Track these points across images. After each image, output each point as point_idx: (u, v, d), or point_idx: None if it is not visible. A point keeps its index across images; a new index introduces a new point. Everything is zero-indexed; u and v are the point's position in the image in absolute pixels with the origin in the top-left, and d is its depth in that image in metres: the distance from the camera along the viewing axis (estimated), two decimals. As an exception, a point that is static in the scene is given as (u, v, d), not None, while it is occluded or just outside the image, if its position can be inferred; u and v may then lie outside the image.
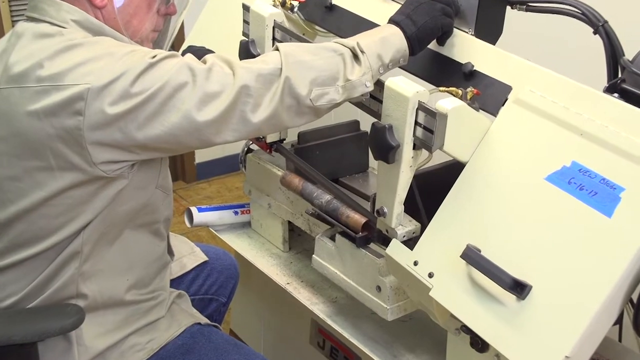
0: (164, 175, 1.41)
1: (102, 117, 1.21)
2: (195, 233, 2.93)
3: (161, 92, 1.22)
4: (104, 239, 1.36)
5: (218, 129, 1.26)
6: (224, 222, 1.91)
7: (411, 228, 1.37)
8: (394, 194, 1.32)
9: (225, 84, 1.25)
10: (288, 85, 1.27)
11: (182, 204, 3.28)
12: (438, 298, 1.22)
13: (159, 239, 1.47)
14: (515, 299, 1.13)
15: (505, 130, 1.25)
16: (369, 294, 1.46)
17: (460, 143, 1.26)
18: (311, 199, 1.58)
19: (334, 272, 1.53)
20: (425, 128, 1.25)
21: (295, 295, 1.67)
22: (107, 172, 1.27)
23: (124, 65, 1.22)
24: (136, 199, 1.35)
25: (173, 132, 1.24)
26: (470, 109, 1.26)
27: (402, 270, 1.29)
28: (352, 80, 1.30)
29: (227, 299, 1.79)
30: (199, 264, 1.74)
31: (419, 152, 1.29)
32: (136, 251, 1.42)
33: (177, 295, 1.56)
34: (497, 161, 1.24)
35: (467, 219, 1.23)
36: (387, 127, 1.26)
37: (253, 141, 1.77)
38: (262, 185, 1.82)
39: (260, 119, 1.27)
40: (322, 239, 1.55)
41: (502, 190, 1.21)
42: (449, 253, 1.22)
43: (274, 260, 1.80)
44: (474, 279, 1.18)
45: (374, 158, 1.32)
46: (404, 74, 1.37)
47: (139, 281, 1.44)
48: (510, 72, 1.31)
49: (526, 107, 1.25)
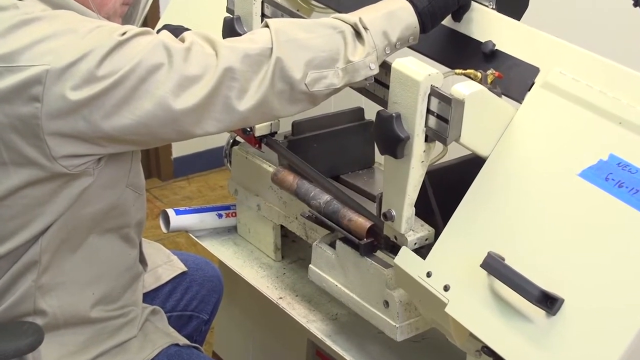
0: (136, 172, 1.42)
1: (63, 104, 1.21)
2: (172, 239, 2.94)
3: (132, 75, 1.22)
4: (66, 247, 1.36)
5: (198, 118, 1.27)
6: (206, 226, 1.92)
7: (423, 234, 1.38)
8: (403, 195, 1.32)
9: (206, 66, 1.25)
10: (279, 67, 1.27)
11: (157, 205, 3.28)
12: (455, 315, 1.22)
13: (130, 246, 1.47)
14: (544, 314, 1.13)
15: (532, 119, 1.26)
16: (375, 310, 1.46)
17: (480, 134, 1.26)
18: (307, 199, 1.58)
19: (334, 284, 1.54)
20: (439, 117, 1.25)
21: (289, 311, 1.68)
22: (69, 168, 1.27)
23: (88, 43, 1.22)
24: (103, 199, 1.35)
25: (146, 121, 1.24)
26: (491, 95, 1.26)
27: (413, 283, 1.29)
28: (354, 62, 1.30)
29: (210, 316, 1.79)
30: (177, 275, 1.74)
31: (432, 145, 1.30)
32: (103, 260, 1.42)
33: (151, 311, 1.56)
34: (522, 155, 1.24)
35: (488, 223, 1.23)
36: (394, 116, 1.26)
37: (238, 134, 1.78)
38: (250, 183, 1.82)
39: (247, 107, 1.28)
40: (320, 246, 1.56)
41: (529, 189, 1.21)
42: (468, 262, 1.22)
43: (264, 271, 1.81)
44: (497, 292, 1.18)
45: (380, 152, 1.32)
46: (413, 54, 1.37)
47: (107, 295, 1.44)
48: (538, 52, 1.31)
49: (556, 92, 1.25)
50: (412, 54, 1.35)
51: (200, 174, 3.55)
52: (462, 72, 1.32)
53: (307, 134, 1.72)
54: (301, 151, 1.68)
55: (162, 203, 3.31)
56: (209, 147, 3.48)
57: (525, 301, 1.14)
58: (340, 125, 1.75)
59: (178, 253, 1.81)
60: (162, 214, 1.90)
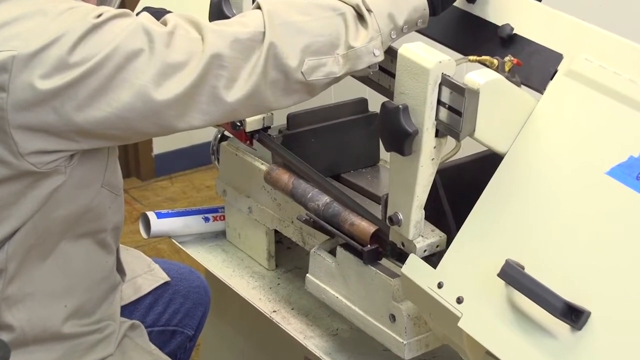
0: (112, 170, 1.41)
1: (32, 94, 1.21)
2: (153, 246, 2.94)
3: (108, 62, 1.22)
4: (35, 254, 1.36)
5: (182, 110, 1.27)
6: (191, 231, 1.92)
7: (434, 240, 1.38)
8: (411, 196, 1.32)
9: (191, 52, 1.25)
10: (273, 54, 1.27)
11: (137, 207, 3.29)
12: (469, 330, 1.22)
13: (106, 253, 1.47)
14: (569, 329, 1.13)
15: (554, 110, 1.26)
16: (380, 324, 1.47)
17: (497, 128, 1.26)
18: (304, 201, 1.58)
19: (335, 296, 1.54)
20: (451, 109, 1.25)
21: (284, 326, 1.67)
22: (38, 166, 1.27)
23: (60, 26, 1.22)
24: (76, 201, 1.35)
25: (123, 114, 1.24)
26: (509, 84, 1.25)
27: (422, 295, 1.29)
28: (356, 48, 1.30)
29: (195, 332, 1.80)
30: (159, 286, 1.74)
31: (444, 140, 1.29)
32: (76, 269, 1.41)
33: (129, 326, 1.56)
34: (544, 151, 1.24)
35: (506, 227, 1.23)
36: (401, 108, 1.26)
37: (227, 128, 1.77)
38: (240, 183, 1.82)
39: (237, 98, 1.28)
40: (318, 254, 1.56)
41: (551, 189, 1.21)
42: (483, 271, 1.22)
43: (255, 282, 1.81)
44: (516, 304, 1.18)
45: (385, 149, 1.32)
46: (422, 39, 1.37)
47: (81, 308, 1.44)
48: (561, 36, 1.31)
49: (582, 81, 1.25)
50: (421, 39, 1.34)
51: (185, 172, 3.57)
52: (477, 59, 1.31)
53: (304, 127, 1.72)
54: (297, 147, 1.68)
55: (142, 205, 3.32)
56: (195, 142, 3.50)
57: (547, 314, 1.14)
58: (341, 118, 1.75)
59: (160, 261, 1.80)
60: (142, 218, 1.89)
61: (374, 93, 1.48)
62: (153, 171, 3.54)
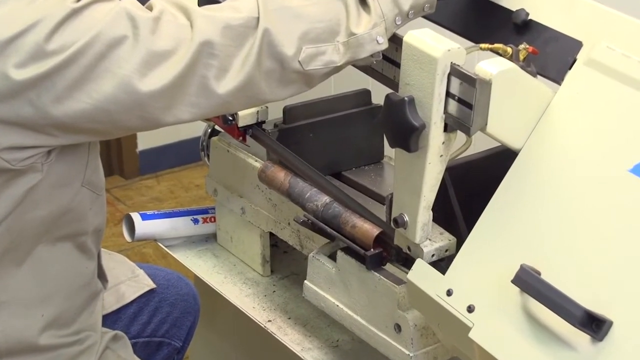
0: (94, 168, 1.41)
1: (5, 85, 1.21)
2: (138, 250, 2.95)
3: (88, 51, 1.22)
4: (9, 259, 1.36)
5: (169, 103, 1.27)
6: (179, 234, 1.92)
7: (443, 244, 1.38)
8: (418, 196, 1.32)
9: (179, 39, 1.25)
10: (268, 41, 1.27)
11: (120, 208, 3.29)
12: (481, 341, 1.22)
13: (87, 257, 1.46)
14: (589, 340, 1.13)
15: (573, 102, 1.25)
16: (385, 335, 1.47)
17: (511, 122, 1.26)
18: (302, 201, 1.59)
19: (335, 304, 1.54)
20: (461, 101, 1.24)
21: (280, 337, 1.67)
22: (12, 163, 1.26)
23: (36, 11, 1.21)
24: (54, 201, 1.35)
25: (105, 106, 1.24)
26: (523, 74, 1.25)
27: (430, 303, 1.29)
28: (358, 35, 1.30)
29: (183, 343, 1.79)
30: (144, 294, 1.73)
31: (453, 135, 1.29)
32: (54, 276, 1.41)
33: (112, 337, 1.55)
34: (562, 147, 1.24)
35: (520, 230, 1.23)
36: (407, 100, 1.26)
37: (217, 123, 1.77)
38: (232, 181, 1.82)
39: (229, 89, 1.28)
40: (317, 259, 1.56)
41: (569, 189, 1.21)
42: (496, 277, 1.22)
43: (249, 289, 1.81)
44: (531, 313, 1.18)
45: (390, 145, 1.31)
46: (430, 25, 1.37)
47: (59, 318, 1.43)
48: (580, 22, 1.31)
49: (603, 71, 1.25)
50: (428, 25, 1.34)
51: (172, 170, 3.56)
52: (489, 47, 1.32)
53: (302, 121, 1.72)
54: (295, 143, 1.68)
55: (126, 206, 3.31)
56: (183, 138, 3.48)
57: (566, 324, 1.13)
58: (342, 111, 1.75)
59: (145, 266, 1.79)
60: (126, 220, 1.89)
61: (378, 84, 1.48)
62: (137, 169, 3.52)
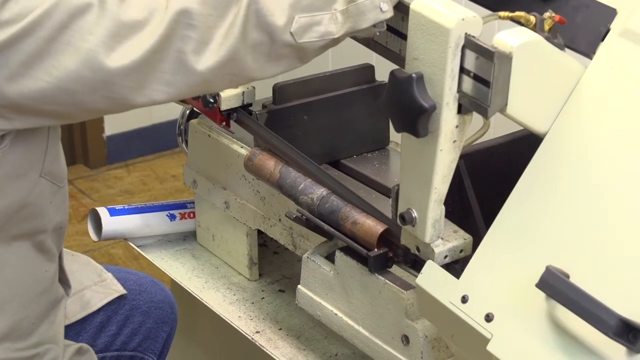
0: (54, 156, 1.40)
1: (-48, 60, 1.21)
2: (105, 250, 2.96)
3: (47, 21, 1.21)
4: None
5: (140, 81, 1.26)
6: (153, 231, 1.93)
7: (457, 243, 1.38)
8: (428, 188, 1.30)
9: (152, 8, 1.25)
10: (254, 9, 1.27)
11: (84, 202, 3.29)
12: (501, 354, 1.21)
13: (46, 259, 1.45)
14: (625, 352, 1.11)
15: (606, 80, 1.25)
16: (390, 348, 1.47)
17: (534, 102, 1.25)
18: (295, 194, 1.57)
19: (333, 313, 1.54)
20: (477, 78, 1.23)
21: (270, 350, 1.66)
22: (-39, 150, 1.27)
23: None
24: (8, 194, 1.34)
25: (67, 85, 1.24)
26: (549, 46, 1.24)
27: (442, 311, 1.28)
28: (359, 2, 1.30)
29: (158, 358, 1.78)
30: (112, 301, 1.73)
31: (468, 117, 1.28)
32: (9, 280, 1.40)
33: (76, 350, 1.55)
34: (593, 131, 1.23)
35: (545, 227, 1.23)
36: (414, 77, 1.25)
37: (196, 106, 1.77)
38: (214, 171, 1.83)
39: (209, 66, 1.28)
40: (312, 260, 1.55)
41: (601, 179, 1.21)
42: (518, 282, 1.22)
43: (234, 295, 1.81)
44: (558, 322, 1.17)
45: (395, 129, 1.30)
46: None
47: (15, 329, 1.42)
48: (615, -14, 1.31)
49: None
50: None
51: (145, 158, 3.57)
52: (509, 15, 1.30)
53: (295, 102, 1.72)
54: (286, 126, 1.69)
55: (92, 200, 3.32)
56: (156, 121, 3.53)
57: (598, 334, 1.12)
58: (341, 90, 1.75)
59: (114, 269, 1.78)
60: (92, 215, 1.89)
61: (382, 59, 1.46)
62: (105, 157, 3.55)
